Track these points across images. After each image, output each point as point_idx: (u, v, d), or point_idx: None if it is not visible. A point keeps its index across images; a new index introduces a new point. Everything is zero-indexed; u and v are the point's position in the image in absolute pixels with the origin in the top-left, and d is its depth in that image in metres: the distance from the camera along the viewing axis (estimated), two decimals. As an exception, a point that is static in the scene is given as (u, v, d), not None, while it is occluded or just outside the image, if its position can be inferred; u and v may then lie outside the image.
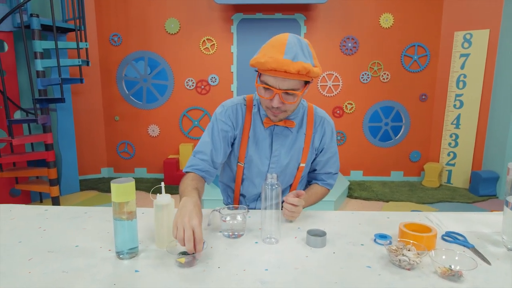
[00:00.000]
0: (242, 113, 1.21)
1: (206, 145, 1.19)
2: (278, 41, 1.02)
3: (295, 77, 1.00)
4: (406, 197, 4.00)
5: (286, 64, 0.97)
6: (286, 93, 1.04)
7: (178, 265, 0.84)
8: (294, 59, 0.98)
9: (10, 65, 3.56)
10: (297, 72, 0.98)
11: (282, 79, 1.01)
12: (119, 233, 0.85)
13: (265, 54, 1.01)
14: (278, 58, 0.97)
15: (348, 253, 0.92)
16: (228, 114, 1.20)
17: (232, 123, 1.20)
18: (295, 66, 0.97)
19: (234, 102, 1.23)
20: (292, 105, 1.08)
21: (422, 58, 4.44)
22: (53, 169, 3.39)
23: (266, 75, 1.03)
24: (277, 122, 1.18)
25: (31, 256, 0.88)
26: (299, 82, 1.04)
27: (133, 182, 0.85)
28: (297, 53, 0.99)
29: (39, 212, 1.19)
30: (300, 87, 1.05)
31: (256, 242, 0.99)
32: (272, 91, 1.03)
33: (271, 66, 0.98)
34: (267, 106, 1.10)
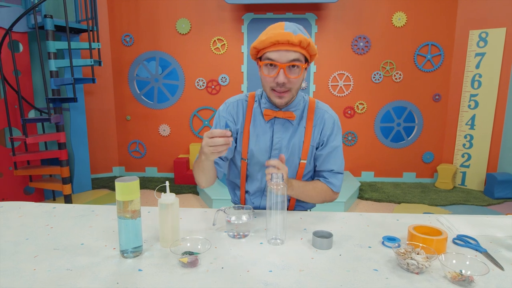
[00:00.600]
0: (243, 108, 1.24)
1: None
2: (276, 24, 1.09)
3: (297, 49, 1.04)
4: (418, 199, 3.93)
5: (288, 35, 1.02)
6: (290, 67, 1.06)
7: (181, 265, 0.83)
8: (295, 32, 1.04)
9: (25, 65, 3.63)
10: (299, 42, 1.03)
11: (286, 52, 1.04)
12: (123, 232, 0.85)
13: (266, 33, 1.06)
14: (280, 31, 1.03)
15: (355, 255, 0.90)
16: (229, 110, 1.24)
17: (233, 118, 1.24)
18: (297, 37, 1.02)
19: (236, 99, 1.26)
20: (297, 80, 1.10)
21: (435, 58, 4.36)
22: (65, 168, 3.44)
23: (269, 51, 1.06)
24: (277, 113, 1.18)
25: (37, 253, 0.88)
26: (301, 56, 1.07)
27: (137, 181, 0.85)
28: (296, 29, 1.06)
29: (47, 209, 1.20)
30: (302, 60, 1.08)
31: (261, 242, 0.98)
32: (277, 67, 1.06)
33: (274, 39, 1.02)
34: (272, 86, 1.11)
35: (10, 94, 3.43)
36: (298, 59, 1.06)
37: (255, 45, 1.08)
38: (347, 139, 4.63)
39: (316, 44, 4.42)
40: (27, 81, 3.65)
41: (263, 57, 1.09)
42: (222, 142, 0.93)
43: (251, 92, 1.29)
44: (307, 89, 4.52)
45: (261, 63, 1.10)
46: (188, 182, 4.35)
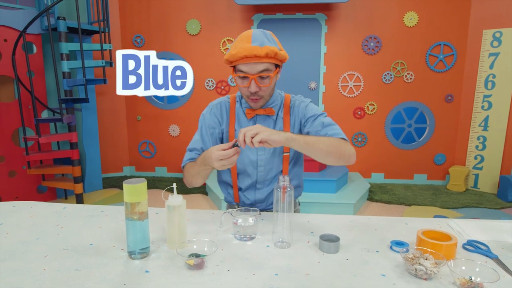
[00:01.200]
0: (226, 109, 1.32)
1: (197, 142, 1.32)
2: (245, 34, 1.15)
3: (264, 60, 1.11)
4: (429, 201, 3.87)
5: (255, 49, 1.08)
6: (260, 77, 1.14)
7: (187, 267, 0.83)
8: (261, 45, 1.10)
9: (38, 66, 3.70)
10: (265, 54, 1.09)
11: (254, 64, 1.11)
12: (130, 233, 0.86)
13: (235, 47, 1.12)
14: (247, 46, 1.09)
15: (362, 260, 0.89)
16: (214, 112, 1.32)
17: (218, 119, 1.32)
18: (263, 49, 1.08)
19: (218, 101, 1.35)
20: (267, 88, 1.18)
21: (448, 58, 4.29)
22: (77, 167, 3.50)
23: (240, 64, 1.13)
24: (258, 111, 1.26)
25: (47, 253, 0.90)
26: (270, 65, 1.14)
27: (145, 183, 0.85)
28: (263, 40, 1.12)
29: (58, 209, 1.22)
30: (271, 69, 1.15)
31: (268, 245, 0.97)
32: (248, 78, 1.14)
33: (242, 54, 1.09)
34: (246, 94, 1.20)
35: (24, 95, 3.50)
36: (267, 69, 1.14)
37: (227, 57, 1.15)
38: (357, 140, 4.59)
39: (326, 44, 4.41)
40: (40, 82, 3.72)
41: (236, 69, 1.17)
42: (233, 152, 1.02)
43: (232, 94, 1.36)
44: (316, 90, 4.50)
45: (234, 75, 1.18)
46: (197, 182, 4.37)
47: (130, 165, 4.97)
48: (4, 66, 3.41)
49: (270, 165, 1.29)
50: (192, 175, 1.24)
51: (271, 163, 1.29)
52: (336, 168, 4.09)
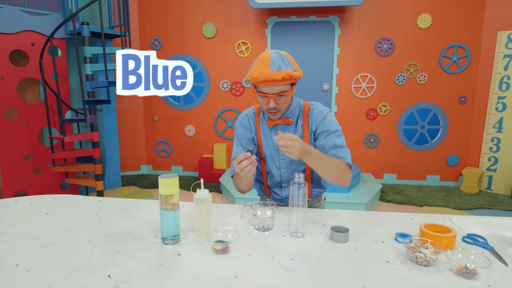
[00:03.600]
0: (253, 120, 1.49)
1: (238, 151, 1.45)
2: (263, 58, 1.28)
3: (281, 83, 1.25)
4: (442, 202, 3.90)
5: (273, 75, 1.22)
6: (277, 96, 1.28)
7: (214, 251, 0.96)
8: (278, 69, 1.23)
9: (63, 69, 3.88)
10: (282, 78, 1.23)
11: (273, 86, 1.26)
12: (164, 222, 0.99)
13: (256, 71, 1.26)
14: (266, 71, 1.23)
15: (368, 249, 0.99)
16: (243, 123, 1.48)
17: (248, 129, 1.48)
18: (280, 74, 1.22)
19: (245, 113, 1.51)
20: (284, 104, 1.33)
21: (462, 59, 4.30)
22: (98, 165, 3.67)
23: (260, 85, 1.28)
24: (278, 121, 1.40)
25: (91, 239, 1.03)
26: (286, 85, 1.28)
27: (177, 178, 0.97)
28: (280, 64, 1.25)
29: (94, 202, 1.36)
30: (287, 89, 1.30)
31: (284, 235, 1.09)
32: (267, 96, 1.28)
33: (262, 78, 1.23)
34: (265, 109, 1.35)
35: (49, 96, 3.69)
36: (283, 91, 1.28)
37: (248, 79, 1.30)
38: (369, 141, 4.64)
39: (339, 46, 4.48)
40: (64, 84, 3.90)
41: (256, 89, 1.32)
42: (247, 163, 1.14)
43: (256, 105, 1.51)
44: (329, 91, 4.58)
45: (254, 94, 1.33)
46: (212, 181, 4.51)
47: (147, 163, 5.14)
48: (31, 69, 3.59)
49: (292, 167, 1.43)
50: (238, 184, 1.41)
51: (293, 166, 1.43)
52: (348, 169, 4.14)
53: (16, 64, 3.53)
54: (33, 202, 1.36)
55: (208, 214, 1.05)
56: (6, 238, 1.03)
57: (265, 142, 1.44)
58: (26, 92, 3.79)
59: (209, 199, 1.05)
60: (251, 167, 1.15)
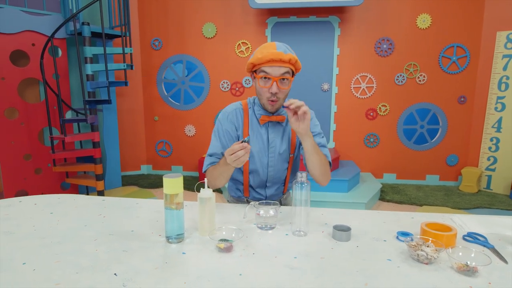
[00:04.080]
0: (241, 116, 1.45)
1: (216, 148, 1.42)
2: (268, 43, 1.32)
3: (287, 65, 1.27)
4: (441, 201, 3.91)
5: (280, 54, 1.24)
6: (281, 80, 1.28)
7: (218, 250, 0.97)
8: (285, 52, 1.27)
9: (63, 69, 3.89)
10: (288, 60, 1.26)
11: (278, 67, 1.26)
12: (168, 221, 1.00)
13: (261, 52, 1.27)
14: (273, 51, 1.25)
15: (370, 247, 1.00)
16: (230, 118, 1.43)
17: (235, 125, 1.44)
18: (287, 56, 1.25)
19: (233, 108, 1.46)
20: (286, 90, 1.33)
21: (461, 59, 4.32)
22: (99, 165, 3.67)
23: (264, 66, 1.28)
24: (271, 118, 1.40)
25: (96, 238, 1.04)
26: (290, 70, 1.29)
27: (182, 178, 0.99)
28: (285, 49, 1.29)
29: (98, 202, 1.37)
30: (291, 73, 1.31)
31: (287, 234, 1.10)
32: (270, 80, 1.28)
33: (269, 57, 1.24)
34: (266, 96, 1.33)
35: (50, 96, 3.69)
36: (288, 72, 1.29)
37: (252, 61, 1.29)
38: (369, 141, 4.66)
39: (339, 46, 4.49)
40: (64, 84, 3.91)
41: (258, 71, 1.30)
42: (243, 153, 1.13)
43: (243, 100, 1.50)
44: (329, 91, 4.59)
45: (257, 76, 1.31)
46: (212, 180, 4.50)
47: (147, 163, 5.15)
48: (31, 69, 3.60)
49: (278, 166, 1.45)
50: (215, 177, 1.35)
51: (279, 164, 1.46)
52: (348, 168, 4.17)
53: (16, 64, 3.54)
54: (37, 202, 1.37)
55: (212, 213, 1.06)
56: (11, 238, 1.04)
57: (253, 139, 1.43)
58: (27, 92, 3.80)
59: (212, 199, 1.06)
60: (247, 157, 1.15)
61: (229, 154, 1.14)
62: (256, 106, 1.43)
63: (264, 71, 1.28)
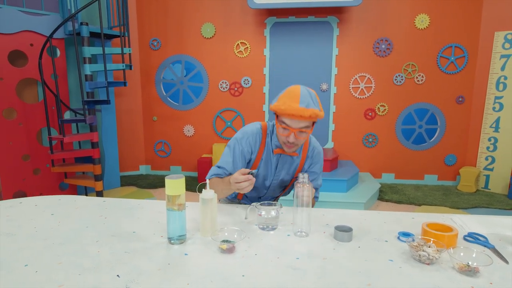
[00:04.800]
0: (259, 141, 1.48)
1: (228, 164, 1.44)
2: (293, 92, 1.30)
3: (307, 120, 1.27)
4: (439, 201, 3.92)
5: (302, 111, 1.24)
6: (299, 131, 1.30)
7: (220, 251, 0.97)
8: (307, 107, 1.25)
9: (61, 69, 3.87)
10: (309, 116, 1.25)
11: (298, 121, 1.28)
12: (171, 222, 1.00)
13: (284, 102, 1.27)
14: (295, 106, 1.25)
15: (372, 247, 1.01)
16: (249, 141, 1.46)
17: (251, 149, 1.47)
18: (308, 112, 1.24)
19: (253, 132, 1.48)
20: (303, 140, 1.36)
21: (459, 60, 4.33)
22: (98, 166, 3.66)
23: (285, 117, 1.29)
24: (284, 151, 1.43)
25: (98, 239, 1.04)
26: (309, 123, 1.31)
27: (184, 179, 0.99)
28: (309, 102, 1.27)
29: (99, 202, 1.37)
30: (310, 127, 1.33)
31: (288, 234, 1.10)
32: (288, 130, 1.30)
33: (290, 112, 1.25)
34: (283, 141, 1.36)
35: (48, 96, 3.68)
36: (307, 127, 1.30)
37: (274, 109, 1.31)
38: (368, 141, 4.66)
39: (337, 47, 4.50)
40: (63, 84, 3.89)
41: (279, 119, 1.33)
42: (247, 184, 1.17)
43: (263, 123, 1.52)
44: (328, 91, 4.60)
45: (277, 124, 1.34)
46: (211, 181, 4.50)
47: (146, 164, 5.14)
48: (30, 69, 3.58)
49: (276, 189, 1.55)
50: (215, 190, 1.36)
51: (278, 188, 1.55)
52: (347, 168, 4.18)
53: (14, 64, 3.52)
54: (38, 203, 1.37)
55: (213, 214, 1.06)
56: (13, 239, 1.04)
57: (263, 163, 1.47)
58: (25, 93, 3.78)
59: (214, 200, 1.06)
60: (250, 188, 1.18)
61: (234, 182, 1.18)
62: (274, 136, 1.46)
63: (284, 122, 1.30)
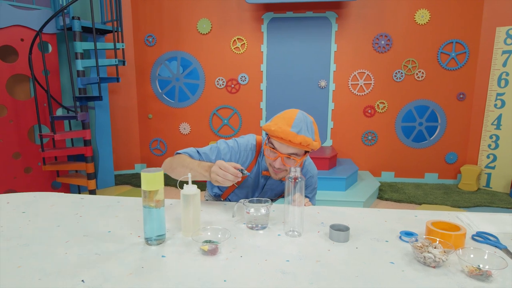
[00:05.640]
0: (251, 157, 1.38)
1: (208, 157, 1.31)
2: (288, 115, 1.21)
3: (297, 146, 1.17)
4: (440, 200, 3.84)
5: (292, 136, 1.15)
6: (287, 157, 1.20)
7: (202, 252, 0.87)
8: (299, 133, 1.16)
9: (53, 65, 3.78)
10: (299, 143, 1.16)
11: (286, 146, 1.18)
12: (148, 220, 0.90)
13: (276, 124, 1.19)
14: (286, 129, 1.16)
15: (371, 248, 0.91)
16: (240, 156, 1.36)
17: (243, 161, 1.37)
18: (298, 138, 1.15)
19: (247, 148, 1.38)
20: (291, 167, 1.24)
21: (460, 56, 4.24)
22: (90, 164, 3.57)
23: (274, 140, 1.21)
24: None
25: (68, 239, 0.94)
26: (300, 150, 1.21)
27: (162, 172, 0.89)
28: (302, 127, 1.17)
29: (76, 200, 1.27)
30: (300, 154, 1.22)
31: (279, 234, 1.00)
32: (276, 154, 1.21)
33: (279, 134, 1.16)
34: (271, 164, 1.27)
35: (39, 93, 3.58)
36: (296, 154, 1.20)
37: (265, 128, 1.22)
38: (367, 139, 4.57)
39: (336, 43, 4.41)
40: (55, 81, 3.80)
41: (269, 140, 1.24)
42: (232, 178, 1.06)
43: (258, 137, 1.42)
44: (326, 88, 4.50)
45: (265, 145, 1.26)
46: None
47: (142, 162, 5.04)
48: (20, 65, 3.49)
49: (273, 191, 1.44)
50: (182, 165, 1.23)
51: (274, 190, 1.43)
52: (346, 166, 4.09)
53: (5, 60, 3.44)
54: (11, 200, 1.27)
55: (196, 212, 0.96)
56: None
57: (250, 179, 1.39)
58: (16, 89, 3.69)
59: (197, 196, 0.96)
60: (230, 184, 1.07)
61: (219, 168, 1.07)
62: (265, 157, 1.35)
63: (272, 144, 1.22)
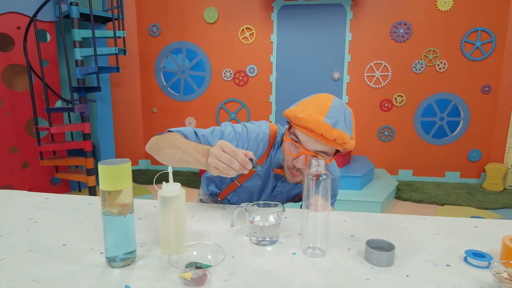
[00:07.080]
0: (262, 149, 1.09)
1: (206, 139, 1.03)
2: (322, 100, 0.93)
3: (329, 143, 0.90)
4: (464, 201, 3.55)
5: (325, 128, 0.87)
6: (314, 155, 0.92)
7: (183, 281, 0.60)
8: (334, 125, 0.89)
9: (52, 55, 3.60)
10: (333, 139, 0.89)
11: (315, 141, 0.91)
12: (108, 232, 0.64)
13: (304, 110, 0.91)
14: (319, 119, 0.88)
15: (428, 277, 0.63)
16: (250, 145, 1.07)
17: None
18: (334, 133, 0.88)
19: (258, 137, 1.08)
20: None
21: (486, 45, 3.94)
22: (90, 159, 3.38)
23: (299, 131, 0.92)
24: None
25: (5, 256, 0.69)
26: (332, 149, 0.94)
27: (129, 164, 0.63)
28: (339, 119, 0.90)
29: (39, 200, 1.02)
30: (331, 154, 0.95)
31: (294, 253, 0.72)
32: (300, 150, 0.93)
33: (308, 125, 0.89)
34: (289, 165, 0.98)
35: (38, 84, 3.40)
36: (326, 152, 0.93)
37: (288, 115, 0.94)
38: (383, 134, 4.30)
39: (351, 32, 4.14)
40: (54, 71, 3.62)
41: (291, 131, 0.96)
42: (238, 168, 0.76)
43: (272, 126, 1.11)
44: (340, 80, 4.23)
45: (286, 137, 0.97)
46: (213, 177, 4.20)
47: (146, 158, 4.87)
48: (17, 54, 3.31)
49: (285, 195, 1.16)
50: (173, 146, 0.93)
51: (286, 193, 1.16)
52: (361, 164, 3.83)
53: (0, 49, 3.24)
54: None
55: (179, 220, 0.69)
56: None
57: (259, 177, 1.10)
58: (14, 80, 3.50)
59: (181, 197, 0.69)
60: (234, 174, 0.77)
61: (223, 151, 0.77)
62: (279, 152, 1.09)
63: (296, 136, 0.93)
